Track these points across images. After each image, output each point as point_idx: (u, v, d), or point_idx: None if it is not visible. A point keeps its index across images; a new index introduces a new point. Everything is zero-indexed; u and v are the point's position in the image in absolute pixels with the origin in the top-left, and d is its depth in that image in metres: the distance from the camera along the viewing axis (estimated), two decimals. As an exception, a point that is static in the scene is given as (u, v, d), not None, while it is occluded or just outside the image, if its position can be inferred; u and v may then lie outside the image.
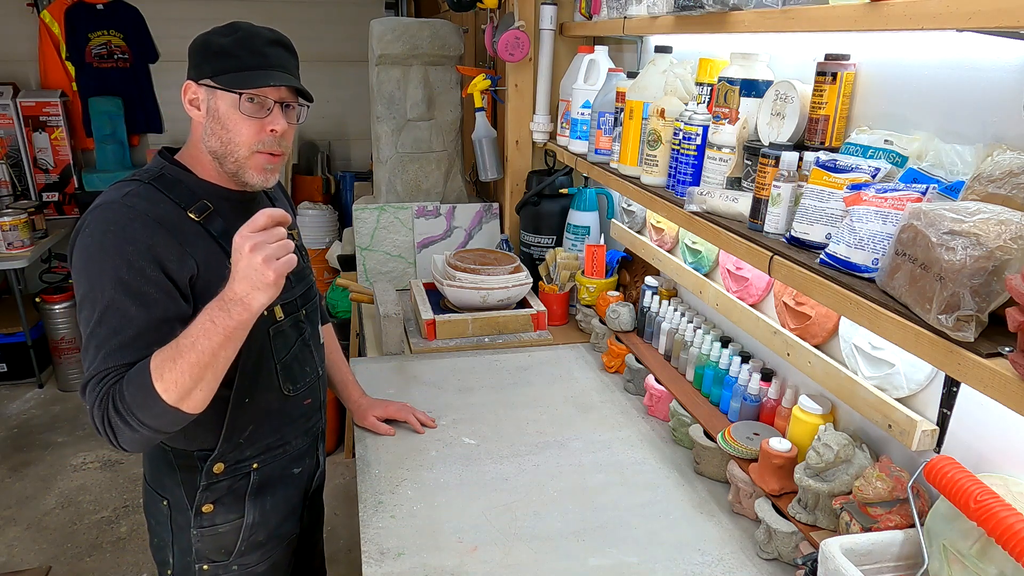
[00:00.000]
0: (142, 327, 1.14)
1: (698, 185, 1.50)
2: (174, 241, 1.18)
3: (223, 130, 1.22)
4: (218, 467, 1.33)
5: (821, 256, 1.09)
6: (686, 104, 1.56)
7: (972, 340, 0.83)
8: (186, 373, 1.08)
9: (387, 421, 1.70)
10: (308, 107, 1.30)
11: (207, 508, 1.34)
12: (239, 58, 1.21)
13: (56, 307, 3.93)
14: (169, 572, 1.42)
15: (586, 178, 2.48)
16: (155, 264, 1.15)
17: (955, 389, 1.14)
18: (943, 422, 1.16)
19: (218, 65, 1.21)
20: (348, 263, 3.20)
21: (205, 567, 1.38)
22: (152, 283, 1.15)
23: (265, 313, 1.27)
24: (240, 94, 1.20)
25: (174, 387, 1.08)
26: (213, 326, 1.08)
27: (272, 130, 1.23)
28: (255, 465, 1.37)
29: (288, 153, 1.30)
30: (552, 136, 2.49)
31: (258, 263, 1.05)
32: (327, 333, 1.70)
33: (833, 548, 1.07)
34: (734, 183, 1.43)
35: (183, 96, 1.26)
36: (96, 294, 1.14)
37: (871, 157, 1.16)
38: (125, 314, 1.13)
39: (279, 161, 1.28)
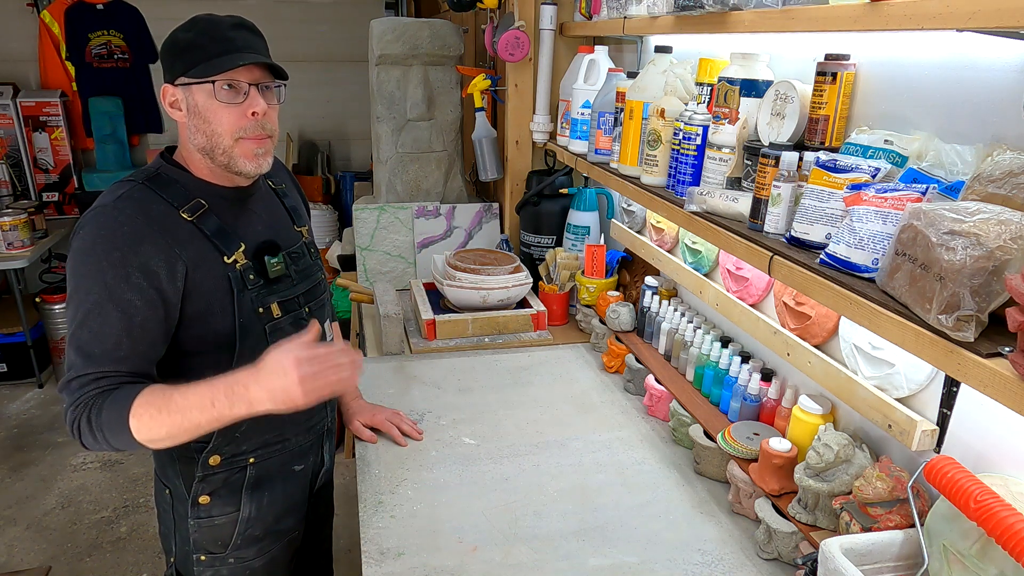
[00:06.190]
0: (121, 335, 1.17)
1: (698, 185, 1.50)
2: (164, 243, 1.19)
3: (205, 123, 1.22)
4: (214, 459, 1.33)
5: (821, 256, 1.09)
6: (686, 104, 1.56)
7: (972, 340, 0.83)
8: (163, 428, 1.14)
9: (373, 429, 1.68)
10: (285, 86, 1.29)
11: (204, 500, 1.35)
12: (205, 48, 1.20)
13: (56, 307, 3.93)
14: (172, 560, 1.44)
15: (586, 178, 2.48)
16: (140, 271, 1.17)
17: (955, 389, 1.13)
18: (943, 422, 1.16)
19: (187, 60, 1.20)
20: (348, 263, 3.19)
21: (203, 557, 1.39)
22: (135, 289, 1.16)
23: (261, 311, 1.28)
24: (214, 82, 1.19)
25: (146, 432, 1.15)
26: (211, 408, 1.13)
27: (253, 113, 1.22)
28: (252, 460, 1.37)
29: (276, 135, 1.29)
30: (552, 136, 2.49)
31: (292, 381, 1.10)
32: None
33: (833, 548, 1.07)
34: (734, 183, 1.43)
35: (163, 101, 1.26)
36: (81, 295, 1.17)
37: (871, 157, 1.16)
38: (106, 320, 1.16)
39: (268, 144, 1.27)
